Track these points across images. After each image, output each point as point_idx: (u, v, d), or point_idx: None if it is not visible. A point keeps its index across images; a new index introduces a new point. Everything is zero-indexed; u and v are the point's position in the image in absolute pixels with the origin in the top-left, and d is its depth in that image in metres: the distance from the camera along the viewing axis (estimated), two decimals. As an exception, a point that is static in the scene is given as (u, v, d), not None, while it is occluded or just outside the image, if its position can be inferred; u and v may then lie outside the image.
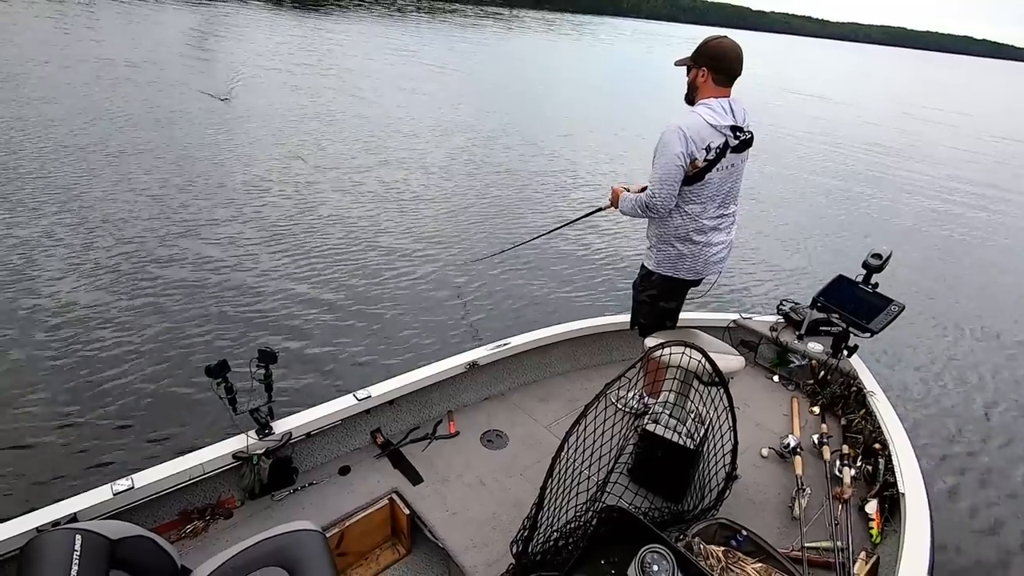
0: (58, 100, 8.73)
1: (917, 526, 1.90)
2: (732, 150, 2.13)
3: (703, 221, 2.21)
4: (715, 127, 2.07)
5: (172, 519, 1.90)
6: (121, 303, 4.08)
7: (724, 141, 2.10)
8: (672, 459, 2.11)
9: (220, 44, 16.79)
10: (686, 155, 2.06)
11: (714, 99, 2.10)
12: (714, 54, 2.09)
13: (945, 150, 14.39)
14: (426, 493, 2.13)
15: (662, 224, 2.26)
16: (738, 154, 2.17)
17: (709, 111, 2.08)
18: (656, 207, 2.15)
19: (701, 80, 2.12)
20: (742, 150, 2.17)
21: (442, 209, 6.54)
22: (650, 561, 1.45)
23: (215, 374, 1.91)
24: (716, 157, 2.10)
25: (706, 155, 2.08)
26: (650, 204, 2.17)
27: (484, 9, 66.36)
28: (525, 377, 2.86)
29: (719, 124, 2.07)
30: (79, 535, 1.15)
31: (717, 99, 2.10)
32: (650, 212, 2.20)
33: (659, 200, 2.13)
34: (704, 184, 2.14)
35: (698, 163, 2.09)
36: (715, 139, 2.08)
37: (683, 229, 2.22)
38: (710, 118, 2.07)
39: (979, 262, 7.06)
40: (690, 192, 2.16)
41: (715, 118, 2.07)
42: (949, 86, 44.07)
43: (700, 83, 2.13)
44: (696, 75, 2.13)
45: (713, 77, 2.09)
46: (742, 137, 2.13)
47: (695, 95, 2.16)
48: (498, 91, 15.16)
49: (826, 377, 2.86)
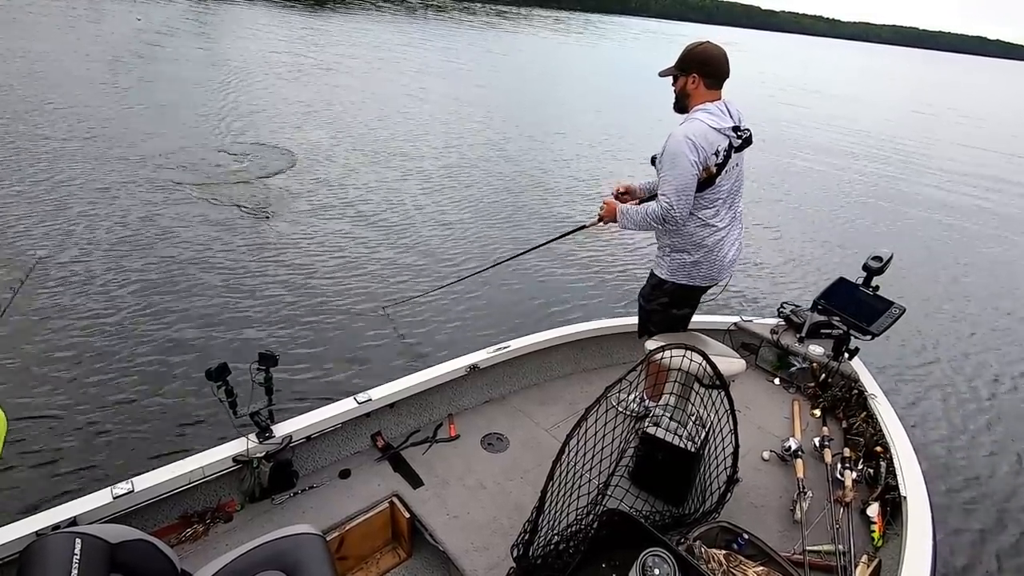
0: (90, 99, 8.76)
1: (919, 529, 1.90)
2: (735, 150, 2.16)
3: (717, 224, 2.22)
4: (719, 130, 2.09)
5: (172, 523, 1.89)
6: (121, 306, 4.08)
7: (728, 143, 2.12)
8: (673, 462, 2.10)
9: (219, 44, 16.83)
10: (699, 163, 2.06)
11: (710, 103, 2.12)
12: (703, 59, 2.11)
13: (951, 152, 14.35)
14: (426, 496, 2.13)
15: (676, 233, 2.25)
16: (739, 154, 2.20)
17: (710, 116, 2.09)
18: (674, 218, 2.13)
19: (692, 87, 2.14)
20: (742, 149, 2.20)
21: (443, 215, 6.54)
22: (651, 565, 1.45)
23: (215, 377, 1.91)
24: (724, 160, 2.12)
25: (716, 159, 2.10)
26: (667, 216, 2.13)
27: (493, 7, 66.39)
28: (525, 380, 2.85)
29: (722, 127, 2.09)
30: (79, 539, 1.15)
31: (713, 103, 2.12)
32: (667, 223, 2.17)
33: (677, 211, 2.11)
34: (716, 188, 2.16)
35: (711, 168, 2.11)
36: (721, 142, 2.10)
37: (698, 235, 2.22)
38: (712, 122, 2.08)
39: (982, 264, 7.05)
40: (702, 198, 2.17)
41: (717, 121, 2.09)
42: (959, 86, 43.97)
43: (692, 90, 2.14)
44: (686, 82, 2.15)
45: (705, 82, 2.12)
46: (742, 136, 2.16)
47: (687, 102, 2.18)
48: (515, 95, 14.95)
49: (827, 380, 2.86)
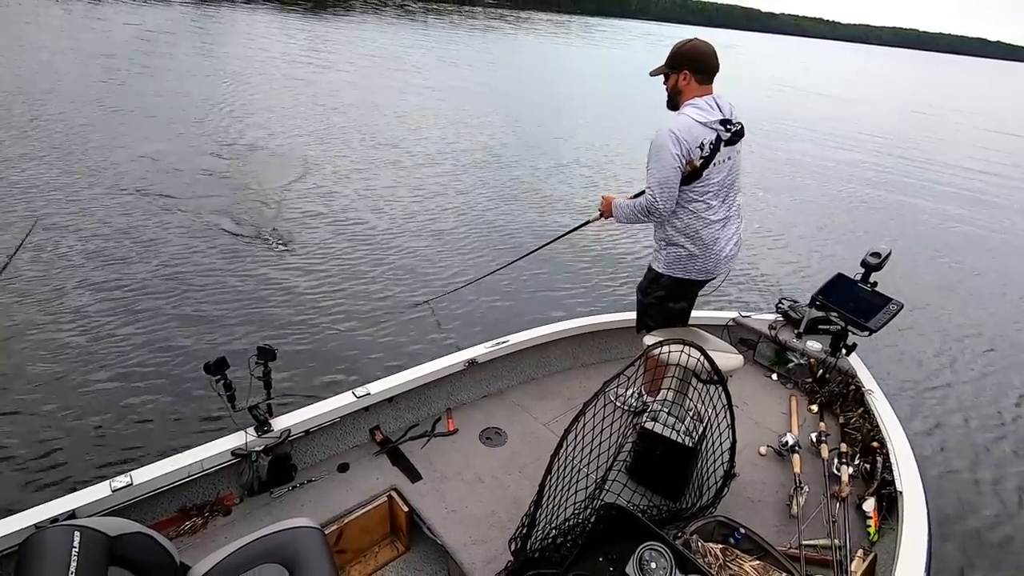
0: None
1: (914, 524, 1.91)
2: (726, 143, 2.17)
3: (710, 217, 2.24)
4: (705, 124, 2.12)
5: (171, 516, 1.90)
6: (120, 300, 4.08)
7: (716, 136, 2.15)
8: (671, 457, 2.11)
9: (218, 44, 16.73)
10: (681, 156, 2.10)
11: (699, 98, 2.16)
12: (693, 55, 2.16)
13: (950, 150, 14.34)
14: (425, 490, 2.14)
15: (670, 226, 2.29)
16: (732, 146, 2.21)
17: (696, 110, 2.14)
18: (659, 210, 2.18)
19: (684, 83, 2.18)
20: (735, 142, 2.22)
21: (445, 213, 6.53)
22: (648, 559, 1.46)
23: (214, 371, 1.91)
24: (711, 153, 2.14)
25: (701, 152, 2.13)
26: (651, 208, 2.19)
27: (494, 11, 65.98)
28: (524, 375, 2.86)
29: (708, 121, 2.13)
30: (78, 532, 1.15)
31: (702, 97, 2.16)
32: (652, 216, 2.23)
33: (661, 203, 2.16)
34: (705, 181, 2.18)
35: (695, 162, 2.13)
36: (707, 135, 2.13)
37: (691, 228, 2.25)
38: (699, 116, 2.13)
39: (980, 260, 7.06)
40: (692, 190, 2.19)
41: (703, 115, 2.13)
42: (960, 86, 43.82)
43: (683, 86, 2.19)
44: (678, 79, 2.19)
45: (696, 77, 2.16)
46: (733, 129, 2.18)
47: (679, 99, 2.22)
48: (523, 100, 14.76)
49: (824, 375, 2.87)
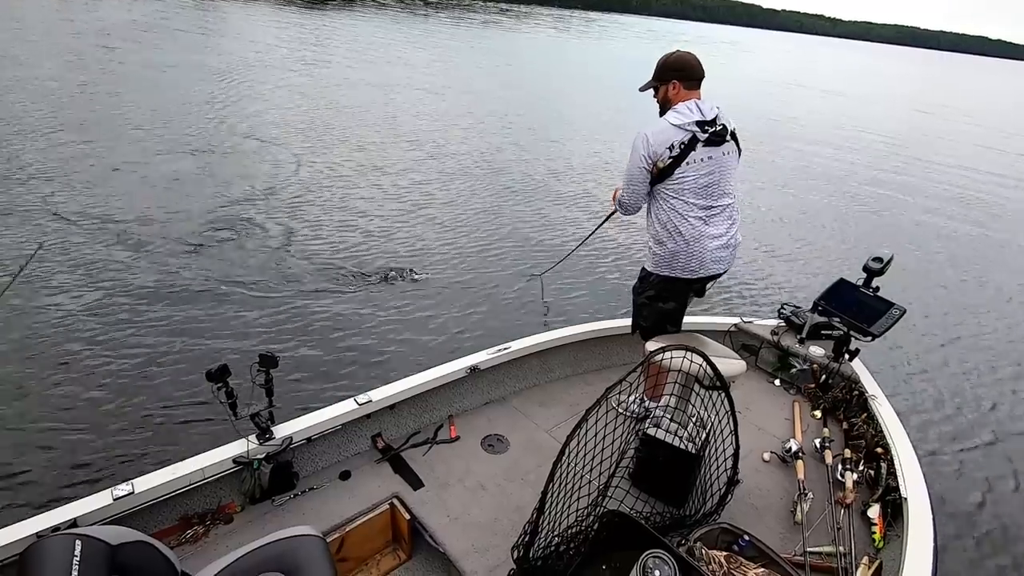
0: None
1: (920, 531, 1.89)
2: (704, 144, 2.24)
3: (689, 214, 2.31)
4: (679, 126, 2.23)
5: (172, 524, 1.89)
6: (122, 307, 4.09)
7: (690, 136, 2.23)
8: (673, 463, 2.10)
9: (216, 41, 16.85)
10: (647, 157, 2.26)
11: (682, 103, 2.27)
12: (679, 66, 2.30)
13: (953, 152, 14.30)
14: (427, 498, 2.13)
15: (657, 223, 2.39)
16: (715, 147, 2.26)
17: (676, 114, 2.26)
18: (625, 205, 2.45)
19: (673, 92, 2.31)
20: (718, 143, 2.26)
21: (448, 218, 6.55)
22: (652, 566, 1.45)
23: (215, 379, 1.90)
24: (682, 152, 2.23)
25: (669, 153, 2.23)
26: (620, 201, 2.48)
27: (495, 5, 66.30)
28: (526, 381, 2.85)
29: (683, 123, 2.23)
30: (79, 540, 1.15)
31: (685, 103, 2.27)
32: (623, 209, 2.50)
33: (627, 199, 2.41)
34: (678, 179, 2.27)
35: (660, 162, 2.25)
36: (677, 137, 2.23)
37: (672, 224, 2.33)
38: (675, 120, 2.24)
39: (985, 264, 7.05)
40: (667, 188, 2.30)
41: (680, 119, 2.24)
42: (959, 88, 43.82)
43: (672, 95, 2.32)
44: (667, 90, 2.32)
45: (684, 85, 2.30)
46: (712, 130, 2.24)
47: (669, 107, 2.33)
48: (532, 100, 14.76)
49: (827, 381, 2.86)
